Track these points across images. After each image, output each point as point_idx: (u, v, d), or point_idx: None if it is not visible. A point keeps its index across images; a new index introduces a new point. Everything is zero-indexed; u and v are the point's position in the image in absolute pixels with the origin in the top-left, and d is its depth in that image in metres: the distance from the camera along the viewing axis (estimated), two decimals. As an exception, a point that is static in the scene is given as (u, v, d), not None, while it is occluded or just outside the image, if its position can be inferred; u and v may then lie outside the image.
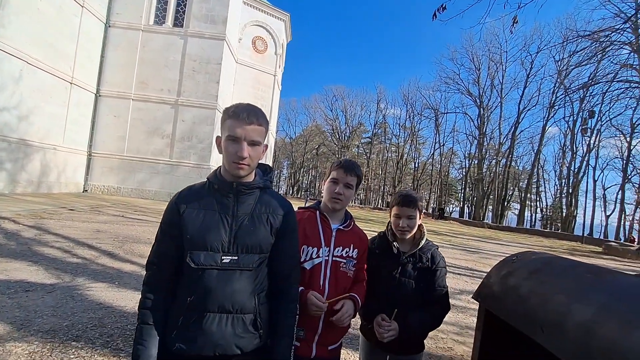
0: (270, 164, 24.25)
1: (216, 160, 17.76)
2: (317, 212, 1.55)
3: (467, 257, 10.25)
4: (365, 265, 1.65)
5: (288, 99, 68.26)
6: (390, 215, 1.74)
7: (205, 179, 1.27)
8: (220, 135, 1.21)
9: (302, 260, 1.44)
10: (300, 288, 1.37)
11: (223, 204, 1.20)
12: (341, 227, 1.54)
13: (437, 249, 1.73)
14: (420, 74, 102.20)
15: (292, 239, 1.30)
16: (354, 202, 53.44)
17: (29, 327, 2.86)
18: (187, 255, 1.14)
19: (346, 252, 1.51)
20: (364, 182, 58.00)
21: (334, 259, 1.48)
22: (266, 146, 1.26)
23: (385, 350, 1.67)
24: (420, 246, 1.67)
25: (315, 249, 1.46)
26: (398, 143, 53.64)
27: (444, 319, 1.70)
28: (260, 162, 1.30)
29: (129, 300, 3.77)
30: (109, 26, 16.96)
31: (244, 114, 1.14)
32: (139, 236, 7.41)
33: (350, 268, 1.52)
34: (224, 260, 1.15)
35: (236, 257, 1.16)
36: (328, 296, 1.42)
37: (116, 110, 17.02)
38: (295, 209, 1.47)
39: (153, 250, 1.20)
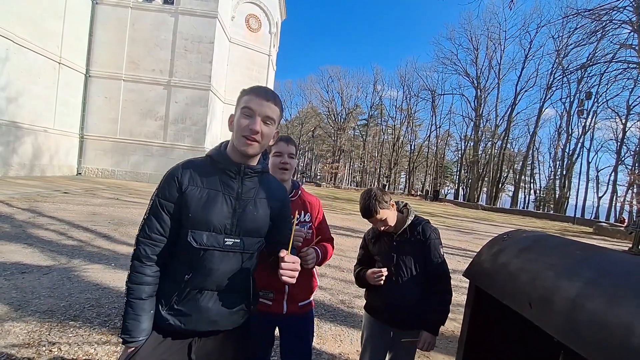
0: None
1: (211, 142, 17.60)
2: None
3: (461, 238, 10.42)
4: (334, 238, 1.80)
5: (283, 80, 67.45)
6: None
7: (205, 156, 1.23)
8: (233, 113, 1.21)
9: None
10: None
11: (228, 185, 1.18)
12: (289, 198, 1.64)
13: (428, 222, 1.80)
14: (418, 54, 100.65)
15: (287, 224, 1.36)
16: (350, 184, 53.62)
17: (26, 308, 2.89)
18: (189, 234, 1.12)
19: (297, 219, 1.60)
20: (360, 164, 58.02)
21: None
22: (277, 132, 1.28)
23: (389, 326, 1.75)
24: (408, 223, 1.74)
25: None
26: (394, 125, 53.40)
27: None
28: None
29: (126, 281, 3.80)
30: (97, 3, 16.37)
31: (262, 91, 1.17)
32: (134, 219, 7.41)
33: (307, 231, 1.67)
34: (227, 243, 1.15)
35: (238, 240, 1.17)
36: None
37: (107, 91, 16.66)
38: None
39: (146, 225, 1.15)
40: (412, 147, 54.19)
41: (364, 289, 1.90)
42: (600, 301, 0.82)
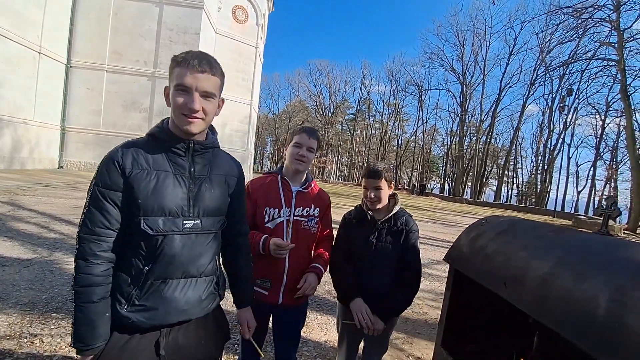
0: (253, 140, 23.64)
1: (197, 135, 17.35)
2: (279, 176, 1.66)
3: (445, 231, 10.63)
4: (335, 232, 1.81)
5: (270, 74, 66.56)
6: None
7: (147, 134, 1.11)
8: (167, 85, 1.07)
9: (264, 221, 1.58)
10: (264, 236, 1.52)
11: (178, 164, 1.09)
12: (301, 189, 1.67)
13: (411, 216, 1.82)
14: (406, 49, 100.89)
15: (243, 198, 1.35)
16: (337, 179, 53.81)
17: (7, 300, 2.83)
18: (142, 222, 1.02)
19: (307, 212, 1.65)
20: (348, 158, 58.20)
21: (295, 218, 1.62)
22: (222, 100, 1.20)
23: None
24: (394, 212, 1.75)
25: (277, 209, 1.59)
26: (382, 120, 53.64)
27: (421, 287, 1.80)
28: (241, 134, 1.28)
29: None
30: (77, -10, 15.82)
31: (195, 61, 1.02)
32: (118, 212, 7.27)
33: (313, 225, 1.67)
34: (187, 225, 1.08)
35: (198, 221, 1.11)
36: (290, 252, 1.56)
37: (89, 82, 16.18)
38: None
39: (87, 219, 1.00)
40: (400, 142, 54.61)
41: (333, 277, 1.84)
42: (567, 278, 0.87)
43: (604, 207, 1.04)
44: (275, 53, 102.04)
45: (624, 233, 16.18)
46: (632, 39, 20.97)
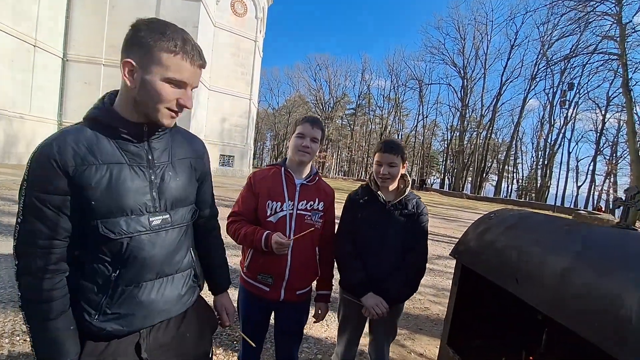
0: (253, 135, 23.52)
1: (196, 129, 17.25)
2: (282, 168, 1.59)
3: (446, 226, 10.58)
4: (338, 219, 1.71)
5: (270, 68, 66.29)
6: (373, 164, 1.71)
7: (85, 120, 0.92)
8: (130, 59, 0.86)
9: (267, 214, 1.51)
10: (266, 232, 1.44)
11: (131, 152, 0.92)
12: (305, 182, 1.60)
13: (420, 199, 1.73)
14: (406, 43, 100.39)
15: (210, 179, 1.21)
16: (337, 174, 53.73)
17: (-1, 297, 2.77)
18: (100, 226, 0.86)
19: (310, 205, 1.57)
20: (348, 153, 58.09)
21: (298, 212, 1.54)
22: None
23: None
24: (405, 194, 1.66)
25: (279, 203, 1.52)
26: (382, 115, 53.44)
27: (422, 282, 1.73)
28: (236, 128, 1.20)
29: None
30: (73, -17, 15.61)
31: (194, 52, 0.89)
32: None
33: (317, 220, 1.58)
34: (154, 222, 0.94)
35: (167, 216, 0.97)
36: (293, 247, 1.49)
37: (86, 76, 16.03)
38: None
39: (26, 232, 0.83)
40: (400, 137, 54.39)
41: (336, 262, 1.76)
42: (588, 274, 0.81)
43: (624, 198, 0.98)
44: (275, 47, 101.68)
45: (624, 228, 16.17)
46: (634, 31, 20.81)
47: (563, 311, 0.83)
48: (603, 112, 36.90)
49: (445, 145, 50.82)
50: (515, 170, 48.82)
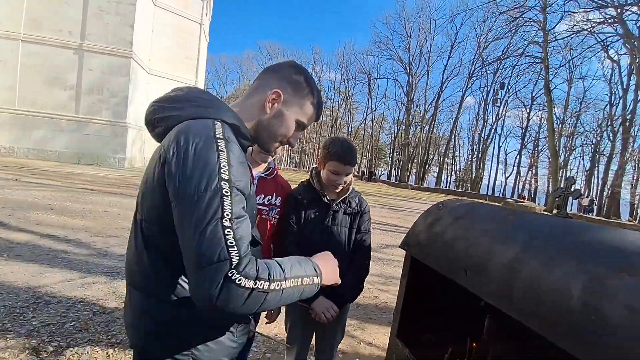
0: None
1: (134, 117, 15.90)
2: None
3: (393, 215, 11.02)
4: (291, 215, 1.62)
5: (217, 54, 63.26)
6: (321, 166, 1.62)
7: (228, 124, 0.81)
8: (280, 90, 0.90)
9: None
10: None
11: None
12: (263, 176, 1.50)
13: (361, 195, 1.73)
14: (356, 37, 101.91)
15: None
16: (289, 165, 53.41)
17: None
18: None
19: (268, 200, 1.49)
20: (299, 145, 57.91)
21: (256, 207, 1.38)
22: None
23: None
24: (349, 191, 1.64)
25: None
26: (332, 107, 53.93)
27: (370, 271, 1.72)
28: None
29: (21, 274, 3.22)
30: (-22, -60, 13.32)
31: (321, 111, 1.04)
32: (36, 202, 6.37)
33: (274, 216, 1.51)
34: None
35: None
36: None
37: (1, 53, 13.87)
38: None
39: (239, 232, 0.68)
40: (350, 129, 55.53)
41: None
42: (535, 265, 0.80)
43: (563, 188, 1.01)
44: (223, 32, 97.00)
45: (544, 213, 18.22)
46: (555, 39, 23.23)
47: (511, 303, 0.82)
48: (528, 110, 41.06)
49: (392, 138, 52.93)
50: (453, 163, 52.46)
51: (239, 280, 0.63)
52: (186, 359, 0.77)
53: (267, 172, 1.52)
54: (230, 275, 0.62)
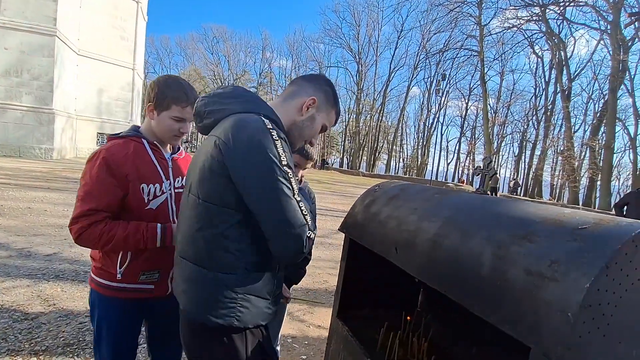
0: (139, 111, 20.81)
1: (62, 103, 14.33)
2: (145, 140, 1.28)
3: (344, 202, 11.28)
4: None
5: (159, 35, 58.93)
6: None
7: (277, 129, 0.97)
8: (316, 98, 1.05)
9: (145, 202, 1.23)
10: (158, 225, 1.22)
11: None
12: (175, 156, 1.39)
13: (308, 183, 1.81)
14: (306, 23, 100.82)
15: None
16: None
17: None
18: None
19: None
20: (250, 133, 56.53)
21: (175, 191, 1.33)
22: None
23: None
24: (301, 183, 1.71)
25: (157, 185, 1.26)
26: (284, 95, 53.29)
27: (320, 256, 1.82)
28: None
29: None
30: None
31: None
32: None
33: None
34: None
35: None
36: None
37: None
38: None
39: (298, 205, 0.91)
40: (302, 118, 55.42)
41: None
42: (455, 237, 0.86)
43: (482, 167, 1.09)
44: (164, 13, 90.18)
45: (480, 196, 19.91)
46: (489, 34, 25.01)
47: (434, 275, 0.87)
48: (466, 100, 44.12)
49: (344, 127, 53.82)
50: (401, 150, 54.92)
51: (312, 235, 0.91)
52: (231, 320, 0.90)
53: (177, 152, 1.40)
54: (309, 234, 0.89)
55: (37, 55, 13.45)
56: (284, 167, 0.85)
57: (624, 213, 4.41)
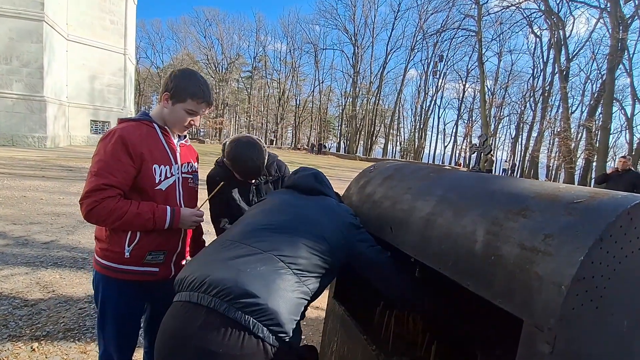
0: (132, 98, 20.42)
1: (53, 89, 14.06)
2: (156, 125, 1.32)
3: (341, 186, 11.22)
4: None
5: (150, 19, 57.43)
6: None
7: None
8: None
9: (155, 182, 1.26)
10: (169, 209, 1.26)
11: None
12: (183, 142, 1.44)
13: (277, 157, 1.76)
14: (301, 4, 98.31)
15: None
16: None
17: None
18: None
19: (191, 167, 1.44)
20: (247, 119, 56.02)
21: (182, 175, 1.38)
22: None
23: None
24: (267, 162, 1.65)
25: (168, 167, 1.30)
26: (279, 79, 52.45)
27: None
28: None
29: None
30: None
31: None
32: None
33: (196, 182, 1.48)
34: None
35: None
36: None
37: None
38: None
39: None
40: (298, 102, 54.69)
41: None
42: (449, 215, 0.85)
43: (477, 145, 1.08)
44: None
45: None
46: (487, 14, 24.53)
47: (427, 253, 0.87)
48: (464, 82, 43.68)
49: (340, 111, 53.38)
50: (398, 134, 54.72)
51: None
52: (285, 337, 0.91)
53: (184, 139, 1.46)
54: None
55: (25, 42, 13.11)
56: None
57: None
